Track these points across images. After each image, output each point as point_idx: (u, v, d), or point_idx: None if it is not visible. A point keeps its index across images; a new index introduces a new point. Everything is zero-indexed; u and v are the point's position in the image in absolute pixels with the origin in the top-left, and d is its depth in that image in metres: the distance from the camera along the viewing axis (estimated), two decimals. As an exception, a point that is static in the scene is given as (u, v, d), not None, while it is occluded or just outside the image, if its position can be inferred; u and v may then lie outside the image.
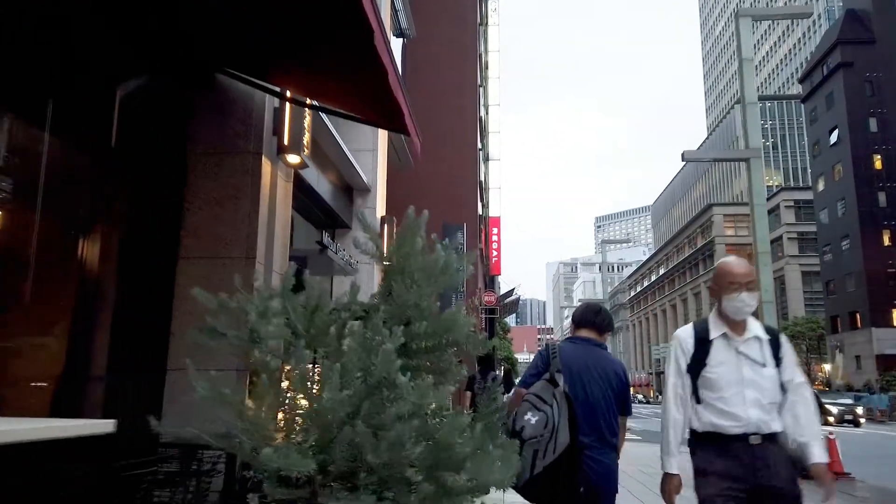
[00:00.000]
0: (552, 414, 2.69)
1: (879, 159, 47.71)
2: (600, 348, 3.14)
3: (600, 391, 2.96)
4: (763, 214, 10.79)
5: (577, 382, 2.91)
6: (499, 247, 40.52)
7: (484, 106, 36.98)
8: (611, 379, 3.01)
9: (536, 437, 2.66)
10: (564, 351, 3.01)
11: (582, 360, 2.99)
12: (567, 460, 2.63)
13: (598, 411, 2.93)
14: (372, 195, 11.66)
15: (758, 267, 10.61)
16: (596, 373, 2.98)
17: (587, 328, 3.17)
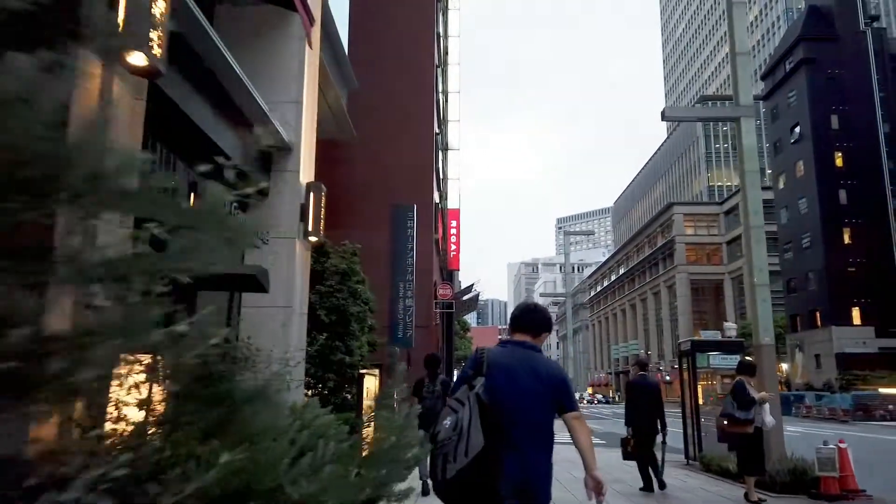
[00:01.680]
0: (462, 415, 2.67)
1: (840, 157, 47.54)
2: (533, 350, 3.05)
3: (529, 393, 2.87)
4: (755, 182, 9.19)
5: (503, 385, 2.82)
6: (457, 240, 38.77)
7: (443, 93, 35.18)
8: (542, 379, 2.93)
9: (446, 441, 2.63)
10: (493, 355, 2.96)
11: (510, 363, 2.94)
12: (485, 463, 2.57)
13: (527, 413, 2.84)
14: (294, 156, 9.67)
15: (749, 243, 8.99)
16: (525, 374, 2.91)
17: (520, 331, 3.10)
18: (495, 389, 2.77)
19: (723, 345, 10.96)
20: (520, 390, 2.84)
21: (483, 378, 2.79)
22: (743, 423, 7.22)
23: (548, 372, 2.95)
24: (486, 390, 2.75)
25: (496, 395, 2.75)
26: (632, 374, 9.60)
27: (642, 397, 8.70)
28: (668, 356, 72.16)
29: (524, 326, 3.08)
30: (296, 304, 9.48)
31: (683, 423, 11.42)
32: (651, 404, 8.59)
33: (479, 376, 2.81)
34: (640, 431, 8.55)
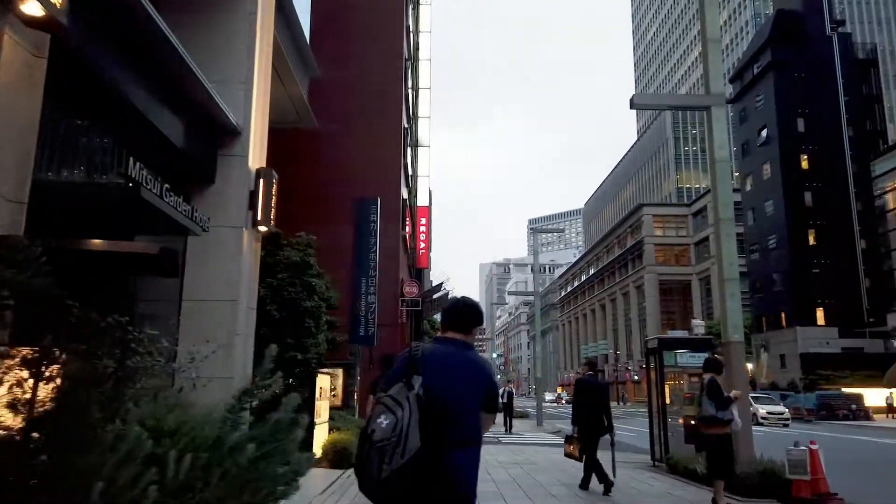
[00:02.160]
0: (402, 417, 2.60)
1: (806, 159, 48.15)
2: (466, 348, 3.03)
3: (463, 392, 2.85)
4: (726, 174, 8.87)
5: (438, 384, 2.74)
6: (427, 238, 38.25)
7: (413, 88, 34.63)
8: (475, 378, 2.92)
9: (384, 441, 2.56)
10: (429, 353, 2.90)
11: (445, 361, 2.89)
12: (420, 463, 2.54)
13: (461, 412, 2.82)
14: (242, 140, 9.07)
15: (719, 237, 8.65)
16: (460, 373, 2.89)
17: (453, 329, 3.05)
18: (432, 388, 2.73)
19: (691, 342, 10.65)
20: (455, 389, 2.82)
21: (420, 377, 2.74)
22: (723, 424, 6.86)
23: (481, 371, 2.95)
24: (423, 390, 2.71)
25: (432, 393, 2.72)
26: (581, 374, 9.29)
27: (590, 397, 8.52)
28: (637, 356, 72.62)
29: (456, 324, 3.06)
30: (242, 298, 8.88)
31: (650, 423, 11.09)
32: (599, 404, 8.47)
33: (416, 375, 2.76)
34: (588, 431, 8.37)
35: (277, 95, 13.93)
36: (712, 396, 6.88)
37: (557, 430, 23.41)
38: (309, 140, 22.86)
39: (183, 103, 7.65)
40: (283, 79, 13.13)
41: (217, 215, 8.75)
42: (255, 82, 9.36)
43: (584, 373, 9.13)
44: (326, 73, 23.90)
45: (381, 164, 23.71)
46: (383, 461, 2.53)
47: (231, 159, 8.93)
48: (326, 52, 23.94)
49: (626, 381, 75.47)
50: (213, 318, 8.43)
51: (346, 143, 23.40)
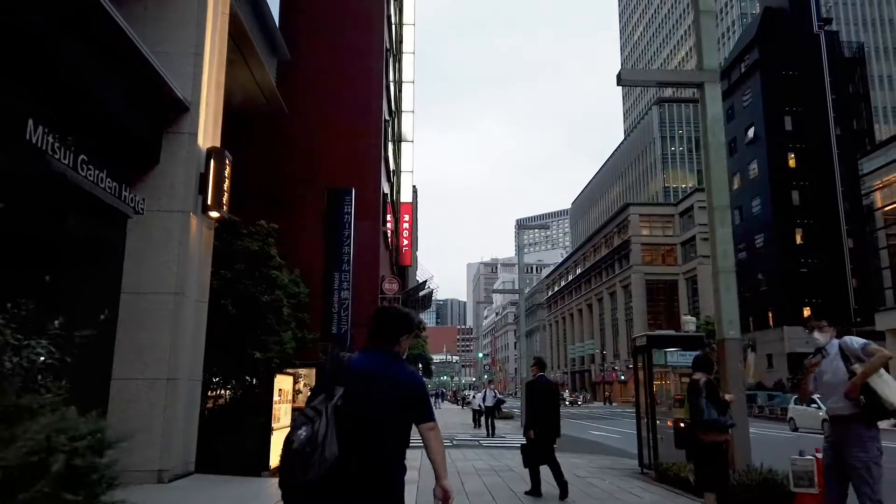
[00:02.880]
0: (319, 427, 2.59)
1: (793, 158, 47.86)
2: (393, 357, 2.96)
3: (387, 401, 2.81)
4: (721, 157, 8.15)
5: (362, 394, 2.77)
6: (410, 236, 37.45)
7: (395, 82, 33.81)
8: (400, 388, 2.86)
9: (302, 451, 2.53)
10: (353, 362, 2.90)
11: (369, 371, 2.85)
12: (340, 473, 2.58)
13: (384, 422, 2.78)
14: (191, 116, 8.22)
15: (713, 225, 7.94)
16: (384, 383, 2.84)
17: (380, 338, 3.00)
18: (353, 398, 2.74)
19: (681, 340, 9.93)
20: (377, 399, 2.79)
21: (341, 387, 2.74)
22: (724, 430, 6.12)
23: (406, 381, 2.90)
24: (344, 399, 2.72)
25: (354, 403, 2.72)
26: (532, 375, 8.73)
27: (544, 398, 8.15)
28: (624, 356, 72.17)
29: (383, 333, 3.01)
30: (189, 291, 8.03)
31: (638, 426, 10.35)
32: (553, 405, 8.18)
33: (338, 385, 2.76)
34: (542, 434, 8.02)
35: (243, 79, 13.09)
36: (713, 398, 6.13)
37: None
38: (282, 129, 21.97)
39: (117, 67, 6.80)
40: (248, 60, 12.26)
41: (162, 199, 7.91)
42: (207, 54, 8.51)
43: (535, 374, 8.58)
44: (303, 61, 23.02)
45: (360, 156, 22.88)
46: (303, 471, 2.52)
47: (178, 137, 8.08)
48: (303, 39, 23.07)
49: (612, 382, 75.04)
50: (156, 312, 7.59)
51: (323, 133, 22.55)
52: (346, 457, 2.59)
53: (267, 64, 13.53)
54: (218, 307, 8.88)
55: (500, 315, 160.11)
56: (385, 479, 2.76)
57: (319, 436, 2.56)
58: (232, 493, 7.16)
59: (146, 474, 7.23)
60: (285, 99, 19.06)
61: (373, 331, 3.03)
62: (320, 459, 2.53)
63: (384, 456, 2.78)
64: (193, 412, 8.19)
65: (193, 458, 8.20)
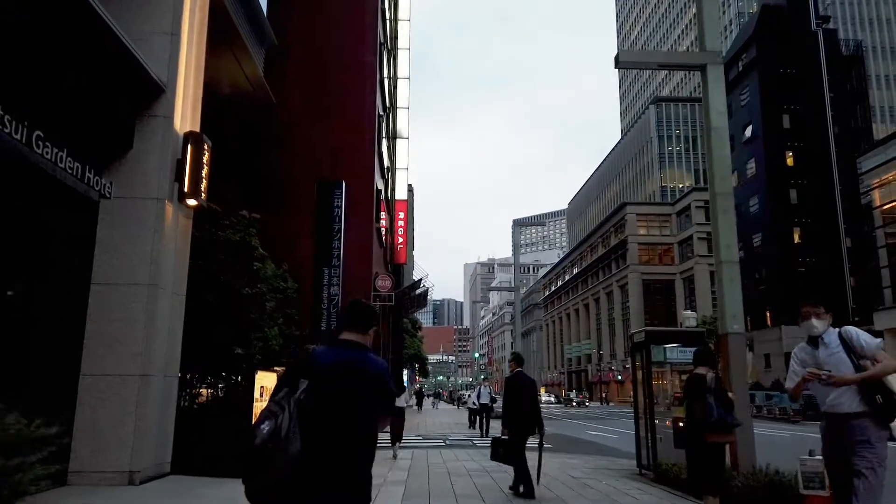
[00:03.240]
0: (282, 421, 2.50)
1: (791, 156, 47.56)
2: (361, 349, 2.87)
3: (355, 395, 2.74)
4: (723, 142, 7.78)
5: (328, 387, 2.68)
6: (405, 233, 37.02)
7: (390, 78, 33.39)
8: (368, 381, 2.79)
9: (264, 446, 2.44)
10: (319, 355, 2.78)
11: (336, 364, 2.75)
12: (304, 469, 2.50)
13: (351, 416, 2.70)
14: (167, 98, 7.82)
15: (715, 214, 7.56)
16: (351, 376, 2.75)
17: (348, 329, 2.92)
18: (319, 392, 2.66)
19: (681, 336, 9.55)
20: (345, 392, 2.72)
21: (306, 380, 2.66)
22: (730, 430, 5.74)
23: (374, 372, 2.83)
24: (309, 393, 2.64)
25: (320, 397, 2.66)
26: (509, 369, 8.47)
27: (521, 395, 7.89)
28: (620, 355, 71.87)
29: (352, 324, 2.95)
30: (165, 282, 7.61)
31: (636, 425, 9.97)
32: (530, 402, 7.94)
33: (304, 378, 2.67)
34: (519, 432, 7.77)
35: (228, 67, 12.67)
36: (721, 397, 5.75)
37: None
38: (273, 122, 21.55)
39: (82, 43, 6.39)
40: (233, 47, 11.84)
41: (136, 185, 7.51)
42: (185, 34, 8.11)
43: (513, 369, 8.28)
44: (294, 54, 22.62)
45: (354, 151, 22.46)
46: (265, 468, 2.46)
47: (153, 121, 7.67)
48: (295, 31, 22.67)
49: (609, 381, 74.76)
50: (128, 305, 7.18)
51: (316, 127, 22.15)
52: (312, 453, 2.53)
53: (254, 51, 13.11)
54: (197, 300, 8.48)
55: (496, 315, 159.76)
56: (352, 476, 2.68)
57: (282, 431, 2.49)
58: (205, 496, 6.75)
59: (116, 475, 6.83)
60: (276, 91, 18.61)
61: (345, 322, 2.97)
62: (283, 456, 2.46)
63: (352, 452, 2.69)
64: (169, 410, 7.79)
65: (169, 458, 7.79)
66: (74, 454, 6.78)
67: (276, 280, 12.76)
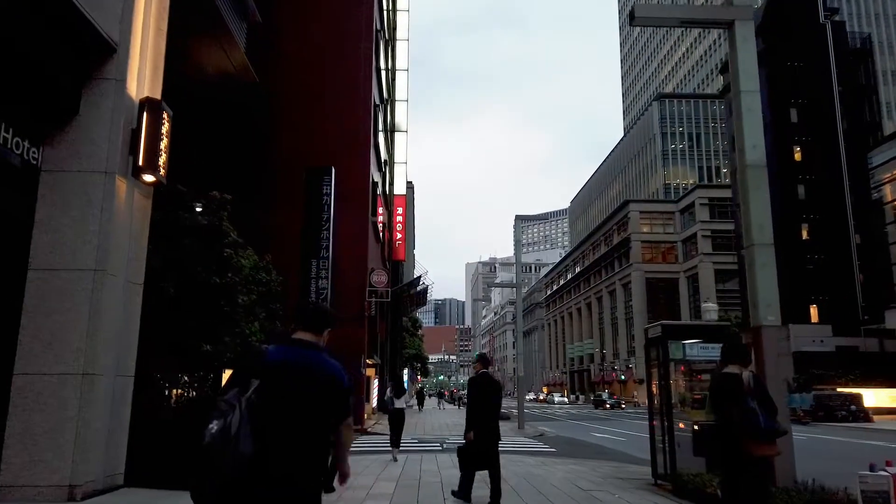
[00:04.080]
0: (232, 421, 2.45)
1: (799, 151, 46.50)
2: (315, 349, 2.83)
3: (305, 395, 2.68)
4: (755, 107, 6.79)
5: (279, 387, 2.62)
6: (403, 230, 36.09)
7: (387, 69, 32.45)
8: (320, 381, 2.73)
9: (212, 447, 2.39)
10: (272, 354, 2.73)
11: (288, 363, 2.71)
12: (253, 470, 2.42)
13: (302, 416, 2.63)
14: (119, 58, 6.89)
15: (746, 189, 6.58)
16: (303, 376, 2.70)
17: (302, 329, 2.88)
18: (271, 392, 2.57)
19: (702, 330, 8.58)
20: (293, 392, 2.64)
21: (257, 380, 2.57)
22: (774, 440, 4.77)
23: (326, 373, 2.74)
24: (259, 392, 2.55)
25: (269, 396, 2.56)
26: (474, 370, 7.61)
27: (487, 397, 7.18)
28: (624, 355, 70.87)
29: (307, 323, 2.88)
30: (115, 268, 6.64)
31: (650, 430, 9.00)
32: (495, 405, 7.32)
33: (255, 377, 2.58)
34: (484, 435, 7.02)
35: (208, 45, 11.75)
36: (764, 399, 4.77)
37: (540, 434, 21.34)
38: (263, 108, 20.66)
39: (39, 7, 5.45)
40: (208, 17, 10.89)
41: (81, 156, 6.56)
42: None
43: (478, 370, 7.47)
44: (286, 38, 21.67)
45: (348, 140, 21.54)
46: (214, 468, 2.40)
47: (103, 84, 6.72)
48: (286, 15, 21.75)
49: (612, 381, 73.77)
50: (70, 294, 6.23)
51: (308, 114, 21.25)
52: (262, 453, 2.46)
53: (234, 28, 12.15)
54: (160, 291, 7.54)
55: (498, 314, 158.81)
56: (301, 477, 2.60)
57: (232, 430, 2.43)
58: (156, 514, 5.80)
59: (53, 490, 5.89)
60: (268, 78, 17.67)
61: (300, 321, 2.91)
62: (233, 456, 2.39)
63: (300, 452, 2.61)
64: (123, 415, 6.84)
65: (122, 469, 6.84)
66: (5, 465, 5.85)
67: (259, 272, 11.83)
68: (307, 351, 2.77)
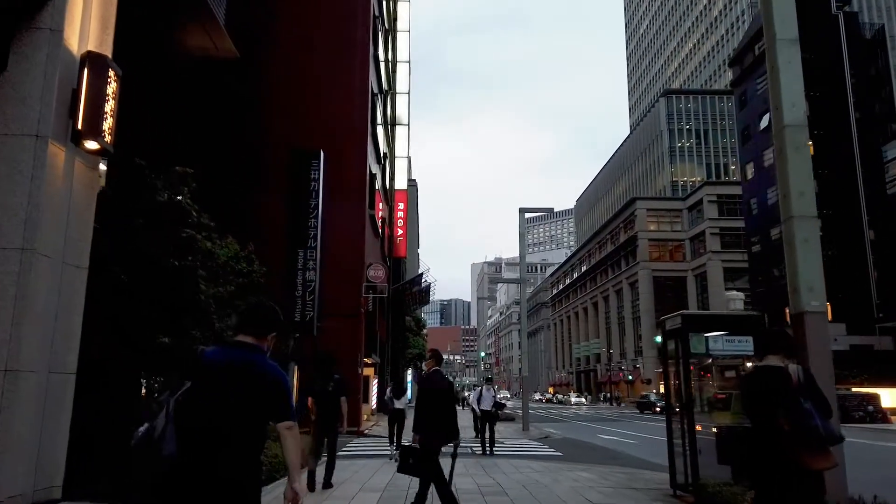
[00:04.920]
0: (158, 423, 2.47)
1: (811, 145, 45.26)
2: (255, 352, 2.76)
3: (238, 397, 2.61)
4: (793, 57, 5.96)
5: (210, 389, 2.60)
6: (405, 225, 35.17)
7: (385, 61, 31.52)
8: (254, 384, 2.67)
9: (137, 449, 2.44)
10: (207, 356, 2.70)
11: (222, 365, 2.67)
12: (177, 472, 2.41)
13: (233, 419, 2.58)
14: (55, 7, 6.00)
15: (783, 153, 5.63)
16: (237, 378, 2.65)
17: (243, 331, 2.81)
18: (201, 393, 2.57)
19: (729, 321, 7.60)
20: (225, 393, 2.59)
21: (189, 381, 2.59)
22: (829, 449, 3.81)
23: (261, 373, 2.71)
24: (190, 394, 2.56)
25: (201, 399, 2.55)
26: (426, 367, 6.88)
27: (437, 397, 6.45)
28: (631, 355, 69.78)
29: (247, 326, 2.81)
30: (50, 248, 5.66)
31: (668, 433, 8.02)
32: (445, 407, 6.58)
33: (187, 379, 2.61)
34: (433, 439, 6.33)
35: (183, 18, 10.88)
36: (817, 397, 3.82)
37: (545, 436, 20.35)
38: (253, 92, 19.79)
39: None
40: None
41: (7, 119, 5.62)
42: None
43: (429, 368, 6.72)
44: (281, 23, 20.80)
45: (343, 128, 20.63)
46: (138, 470, 2.41)
47: (35, 35, 5.79)
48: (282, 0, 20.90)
49: (618, 381, 72.67)
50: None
51: (302, 99, 20.36)
52: (187, 455, 2.42)
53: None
54: (110, 276, 6.62)
55: (503, 315, 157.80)
56: (229, 480, 2.50)
57: (156, 432, 2.42)
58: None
59: (-34, 509, 4.97)
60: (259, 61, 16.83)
61: (240, 323, 2.84)
62: (156, 458, 2.38)
63: (230, 454, 2.52)
64: (59, 418, 5.91)
65: (59, 481, 5.91)
66: None
67: (240, 262, 10.93)
68: (243, 352, 2.71)
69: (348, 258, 19.88)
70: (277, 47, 20.20)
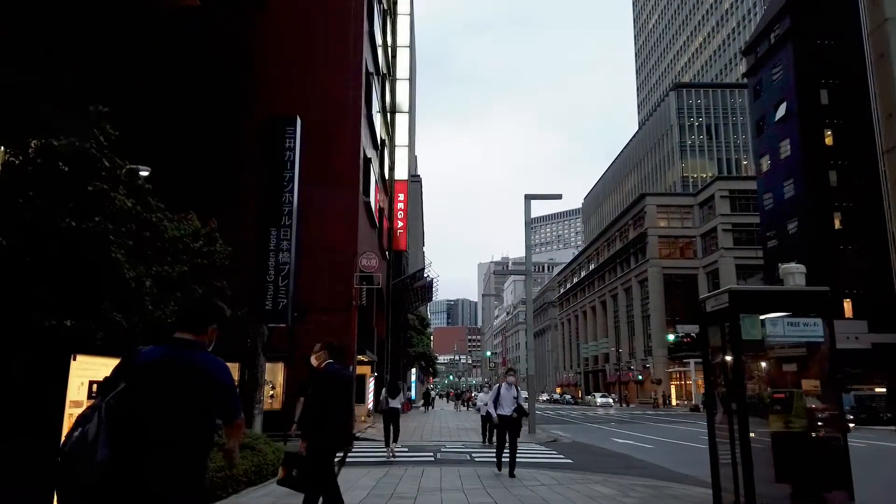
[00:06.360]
0: (90, 427, 2.34)
1: (830, 135, 43.47)
2: (195, 349, 2.64)
3: (178, 397, 2.48)
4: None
5: (147, 390, 2.47)
6: (405, 217, 33.61)
7: (382, 45, 29.98)
8: (196, 383, 2.54)
9: (68, 456, 2.29)
10: (144, 355, 2.55)
11: (160, 364, 2.53)
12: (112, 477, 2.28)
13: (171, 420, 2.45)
14: None
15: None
16: (176, 377, 2.52)
17: (183, 328, 2.69)
18: (137, 394, 2.44)
19: (792, 298, 5.97)
20: (161, 393, 2.47)
21: (124, 382, 2.45)
22: None
23: (201, 369, 2.56)
24: (125, 396, 2.42)
25: (134, 399, 2.43)
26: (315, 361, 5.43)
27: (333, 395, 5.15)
28: (640, 354, 67.95)
29: (184, 322, 2.70)
30: None
31: (711, 444, 6.38)
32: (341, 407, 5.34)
33: (122, 380, 2.46)
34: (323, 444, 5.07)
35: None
36: None
37: (553, 440, 18.73)
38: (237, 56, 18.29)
39: None
40: None
41: None
42: None
43: (321, 362, 5.36)
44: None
45: (335, 107, 19.13)
46: (71, 478, 2.27)
47: None
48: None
49: (628, 381, 70.86)
50: None
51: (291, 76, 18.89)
52: (122, 459, 2.30)
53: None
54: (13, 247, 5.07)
55: (510, 314, 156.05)
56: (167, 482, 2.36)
57: (89, 437, 2.30)
58: None
59: None
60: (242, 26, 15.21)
61: (178, 318, 2.73)
62: (89, 464, 2.25)
63: (168, 456, 2.38)
64: None
65: None
66: None
67: (198, 239, 9.42)
68: (181, 350, 2.60)
69: (340, 247, 18.38)
70: (264, 13, 18.71)
